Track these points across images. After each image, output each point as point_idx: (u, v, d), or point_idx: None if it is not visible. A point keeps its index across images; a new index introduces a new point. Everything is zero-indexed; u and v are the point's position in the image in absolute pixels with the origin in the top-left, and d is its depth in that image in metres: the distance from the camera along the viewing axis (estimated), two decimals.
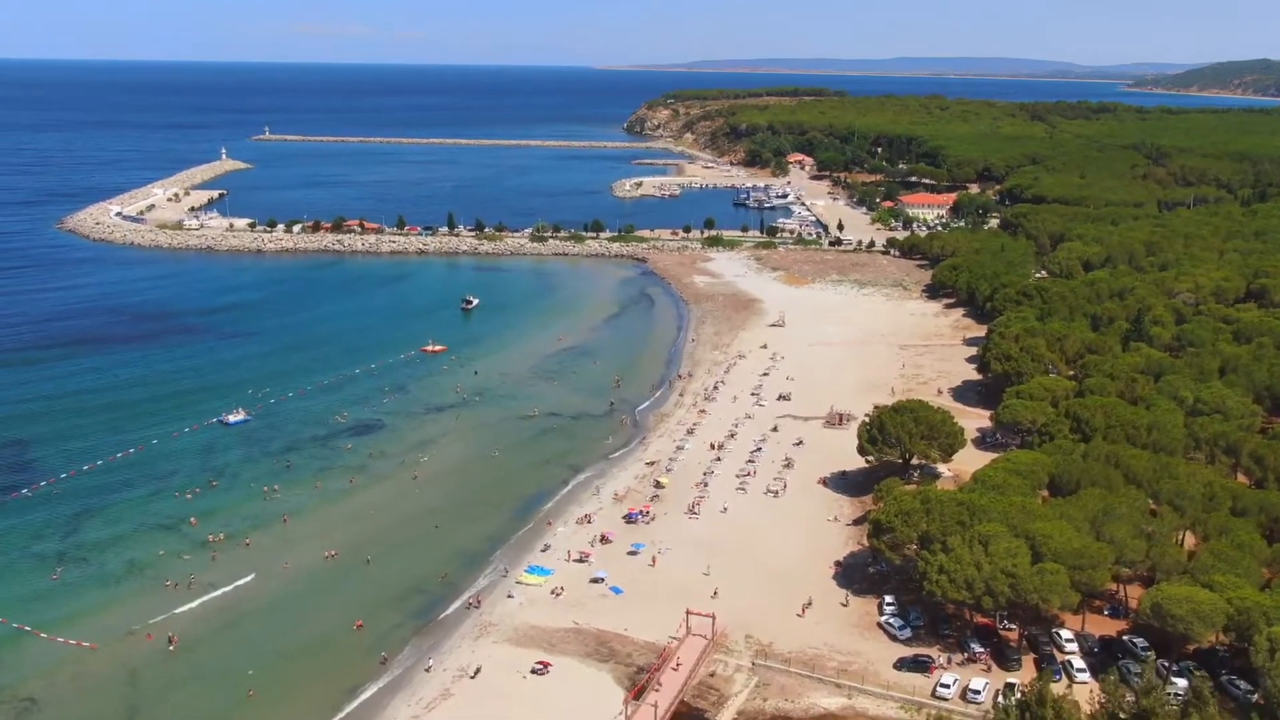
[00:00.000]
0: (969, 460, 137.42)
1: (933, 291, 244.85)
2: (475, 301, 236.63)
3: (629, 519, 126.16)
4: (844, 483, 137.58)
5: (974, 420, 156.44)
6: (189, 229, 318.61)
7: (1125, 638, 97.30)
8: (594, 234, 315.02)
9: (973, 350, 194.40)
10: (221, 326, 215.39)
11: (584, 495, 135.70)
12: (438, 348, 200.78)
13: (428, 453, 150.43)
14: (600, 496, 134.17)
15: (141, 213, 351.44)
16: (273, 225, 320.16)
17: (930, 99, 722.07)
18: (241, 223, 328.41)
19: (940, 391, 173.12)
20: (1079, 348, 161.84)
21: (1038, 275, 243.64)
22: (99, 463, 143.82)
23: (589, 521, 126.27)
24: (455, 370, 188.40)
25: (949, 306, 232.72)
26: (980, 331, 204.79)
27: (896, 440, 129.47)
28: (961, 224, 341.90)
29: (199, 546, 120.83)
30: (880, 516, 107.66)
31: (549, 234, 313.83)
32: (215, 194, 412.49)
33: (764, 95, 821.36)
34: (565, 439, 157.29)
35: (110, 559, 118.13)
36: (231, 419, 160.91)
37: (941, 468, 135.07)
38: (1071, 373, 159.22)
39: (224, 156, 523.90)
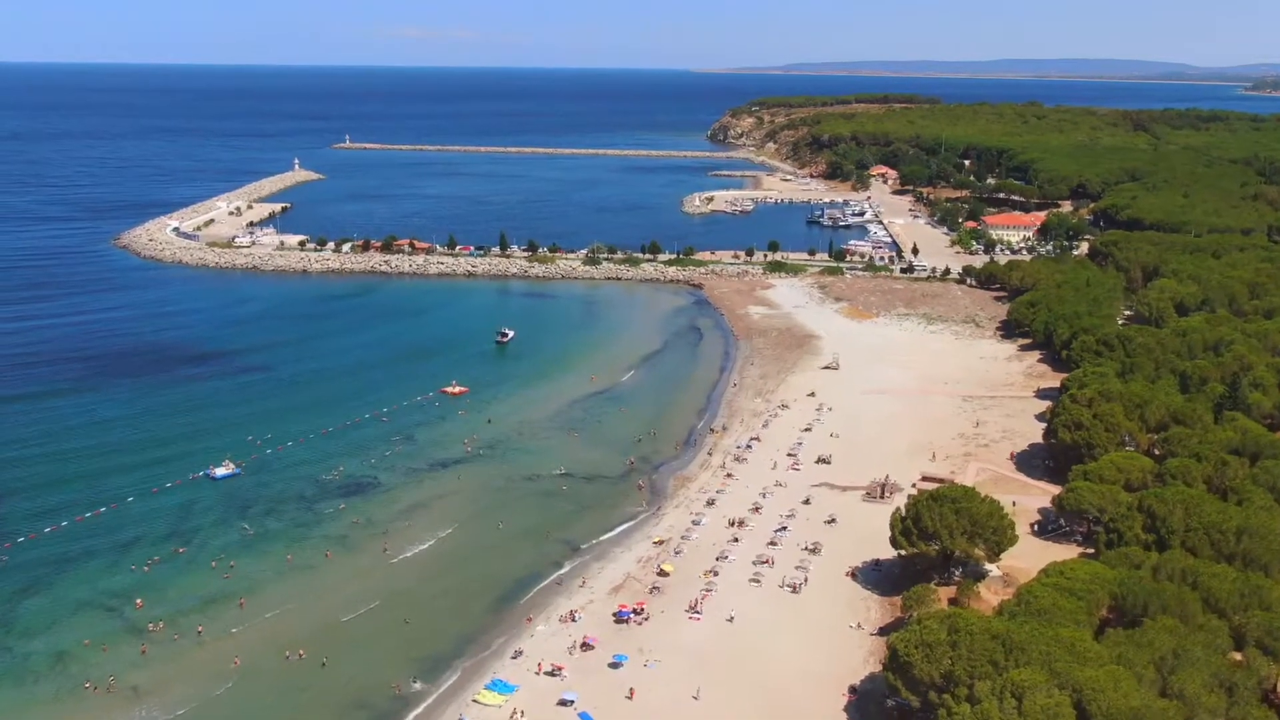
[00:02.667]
0: (1025, 552, 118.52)
1: (1008, 330, 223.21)
2: (511, 334, 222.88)
3: (619, 617, 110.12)
4: (876, 576, 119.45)
5: (1036, 498, 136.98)
6: (238, 247, 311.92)
7: None
8: (650, 256, 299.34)
9: (1045, 405, 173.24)
10: (242, 357, 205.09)
11: (575, 584, 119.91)
12: (459, 389, 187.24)
13: (417, 520, 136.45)
14: (593, 586, 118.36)
15: (199, 228, 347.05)
16: (322, 244, 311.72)
17: (1026, 106, 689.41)
18: (293, 240, 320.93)
19: (1010, 455, 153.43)
20: (1162, 416, 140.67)
21: (1125, 313, 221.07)
22: (64, 524, 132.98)
23: (573, 620, 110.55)
24: (471, 417, 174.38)
25: (1024, 349, 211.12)
26: (1056, 382, 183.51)
27: (934, 535, 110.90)
28: (1048, 247, 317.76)
29: (134, 635, 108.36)
30: (898, 644, 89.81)
31: (604, 256, 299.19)
32: (279, 207, 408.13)
33: (853, 102, 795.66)
34: (571, 506, 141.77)
35: (37, 649, 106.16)
36: (219, 472, 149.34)
37: (989, 565, 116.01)
38: (1153, 445, 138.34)
39: (296, 167, 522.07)
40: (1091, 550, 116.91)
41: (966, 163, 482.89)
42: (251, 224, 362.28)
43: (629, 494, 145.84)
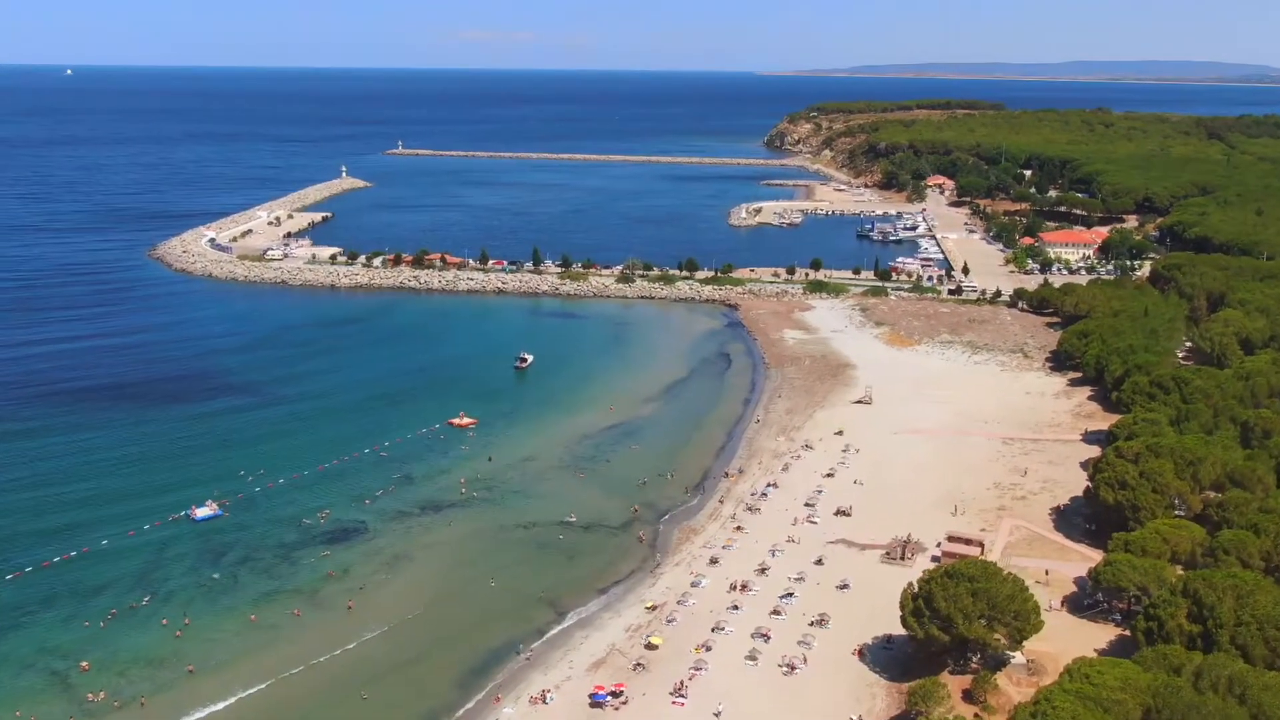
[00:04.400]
0: (1056, 632, 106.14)
1: (1058, 362, 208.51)
2: (530, 359, 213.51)
3: (595, 701, 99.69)
4: (887, 656, 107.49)
5: (1074, 564, 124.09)
6: (270, 260, 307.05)
7: None
8: (687, 274, 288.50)
9: (1092, 451, 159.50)
10: (250, 384, 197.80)
11: (554, 655, 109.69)
12: (467, 421, 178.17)
13: (398, 574, 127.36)
14: (572, 660, 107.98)
15: (235, 239, 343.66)
16: (353, 258, 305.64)
17: (1094, 113, 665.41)
18: (326, 252, 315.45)
19: (1049, 511, 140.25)
20: (1218, 475, 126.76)
21: (1185, 346, 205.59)
22: (28, 570, 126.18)
23: (544, 701, 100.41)
24: (474, 452, 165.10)
25: (1074, 384, 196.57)
26: (1107, 424, 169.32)
27: (948, 619, 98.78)
28: (1109, 267, 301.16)
29: (71, 704, 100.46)
30: None
31: (639, 273, 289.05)
32: (320, 217, 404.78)
33: (914, 108, 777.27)
34: (564, 561, 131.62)
35: None
36: (200, 513, 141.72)
37: (1012, 651, 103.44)
38: (1206, 508, 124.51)
39: (343, 174, 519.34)
40: (1129, 632, 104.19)
41: (1027, 174, 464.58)
42: (289, 235, 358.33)
43: (628, 548, 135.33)
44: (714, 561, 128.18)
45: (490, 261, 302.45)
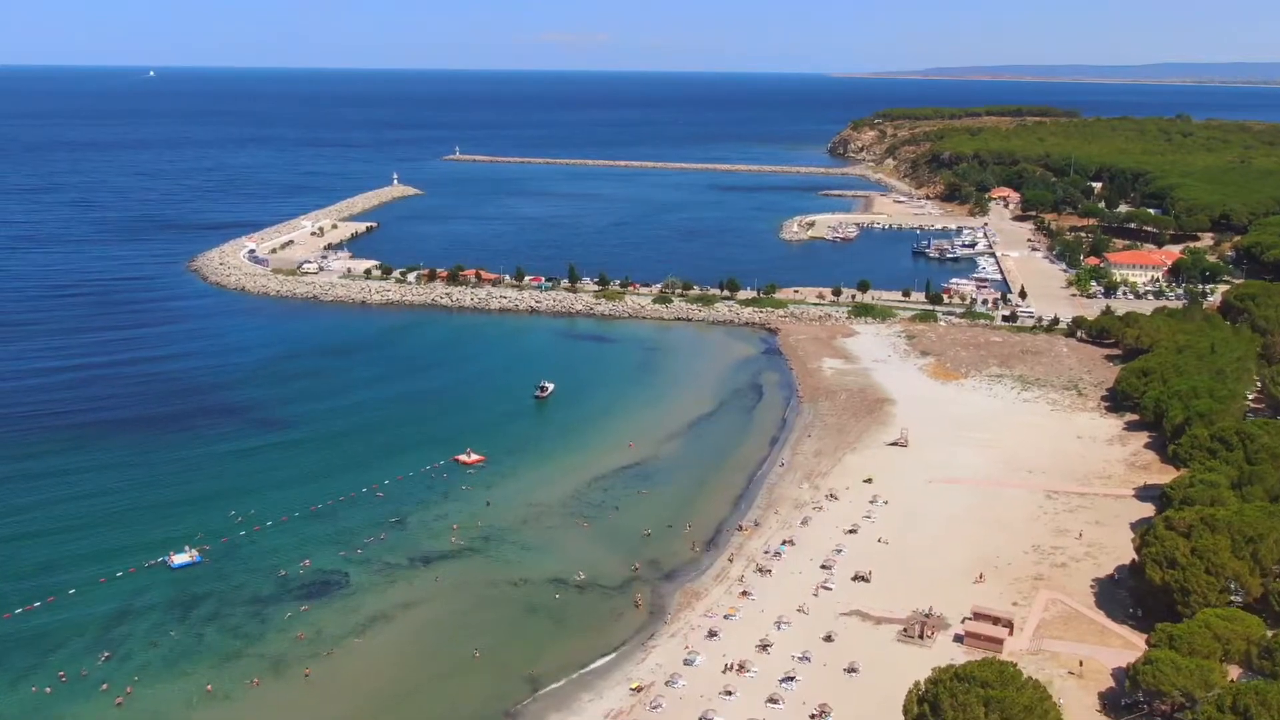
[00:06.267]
0: None
1: (1115, 402, 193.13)
2: (550, 388, 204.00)
3: None
4: None
5: (1115, 651, 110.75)
6: (304, 273, 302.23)
7: None
8: (727, 294, 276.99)
9: (1145, 511, 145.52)
10: (255, 411, 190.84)
11: None
12: (474, 458, 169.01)
13: (372, 636, 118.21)
14: None
15: (276, 250, 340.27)
16: (386, 272, 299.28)
17: (1172, 121, 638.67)
18: (362, 266, 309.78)
19: (1091, 583, 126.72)
20: None
21: (1255, 389, 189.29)
22: None
23: None
24: (473, 496, 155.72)
25: (1130, 428, 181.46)
26: (1162, 477, 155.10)
27: None
28: (1179, 292, 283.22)
29: None
30: None
31: (677, 292, 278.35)
32: (364, 226, 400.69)
33: (982, 115, 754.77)
34: (551, 627, 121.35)
35: None
36: (177, 560, 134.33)
37: None
38: (1268, 595, 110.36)
39: (395, 182, 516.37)
40: None
41: (1097, 186, 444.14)
42: (330, 245, 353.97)
43: (623, 613, 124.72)
44: (712, 634, 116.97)
45: (526, 278, 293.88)
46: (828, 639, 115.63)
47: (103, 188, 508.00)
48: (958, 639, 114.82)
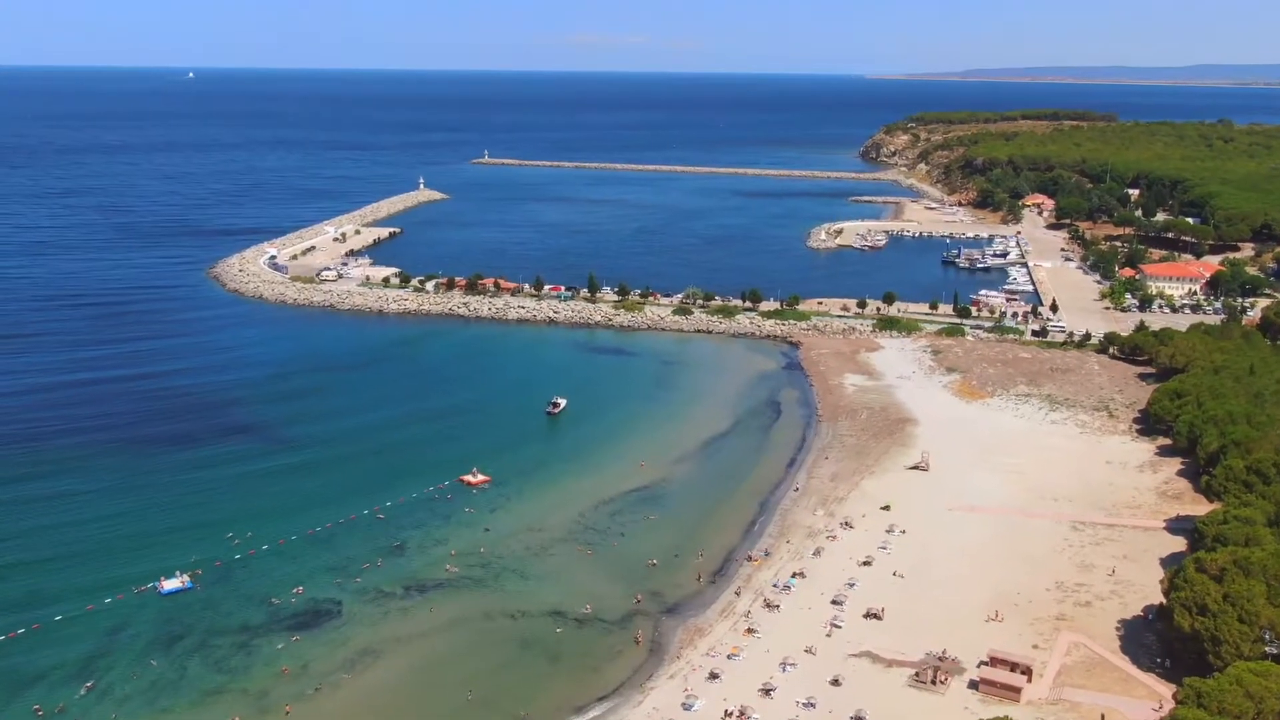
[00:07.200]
0: None
1: (1147, 424, 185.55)
2: (563, 404, 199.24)
3: None
4: None
5: (1139, 703, 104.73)
6: (322, 281, 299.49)
7: None
8: (750, 305, 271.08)
9: (1177, 543, 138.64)
10: (260, 427, 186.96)
11: None
12: (480, 479, 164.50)
13: (359, 672, 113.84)
14: None
15: (296, 256, 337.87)
16: (405, 281, 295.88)
17: (1212, 126, 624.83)
18: (382, 274, 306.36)
19: (1116, 625, 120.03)
20: None
21: None
22: None
23: None
24: (475, 520, 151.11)
25: (1162, 453, 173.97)
26: (1195, 508, 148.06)
27: None
28: (1217, 305, 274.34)
29: None
30: None
31: (698, 303, 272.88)
32: (388, 232, 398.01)
33: (1018, 119, 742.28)
34: (544, 665, 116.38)
35: None
36: (168, 586, 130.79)
37: None
38: None
39: (421, 186, 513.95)
40: None
41: (1134, 194, 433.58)
42: (351, 252, 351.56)
43: (622, 650, 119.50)
44: (714, 676, 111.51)
45: (546, 287, 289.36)
46: (835, 683, 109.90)
47: (130, 192, 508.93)
48: (972, 685, 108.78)
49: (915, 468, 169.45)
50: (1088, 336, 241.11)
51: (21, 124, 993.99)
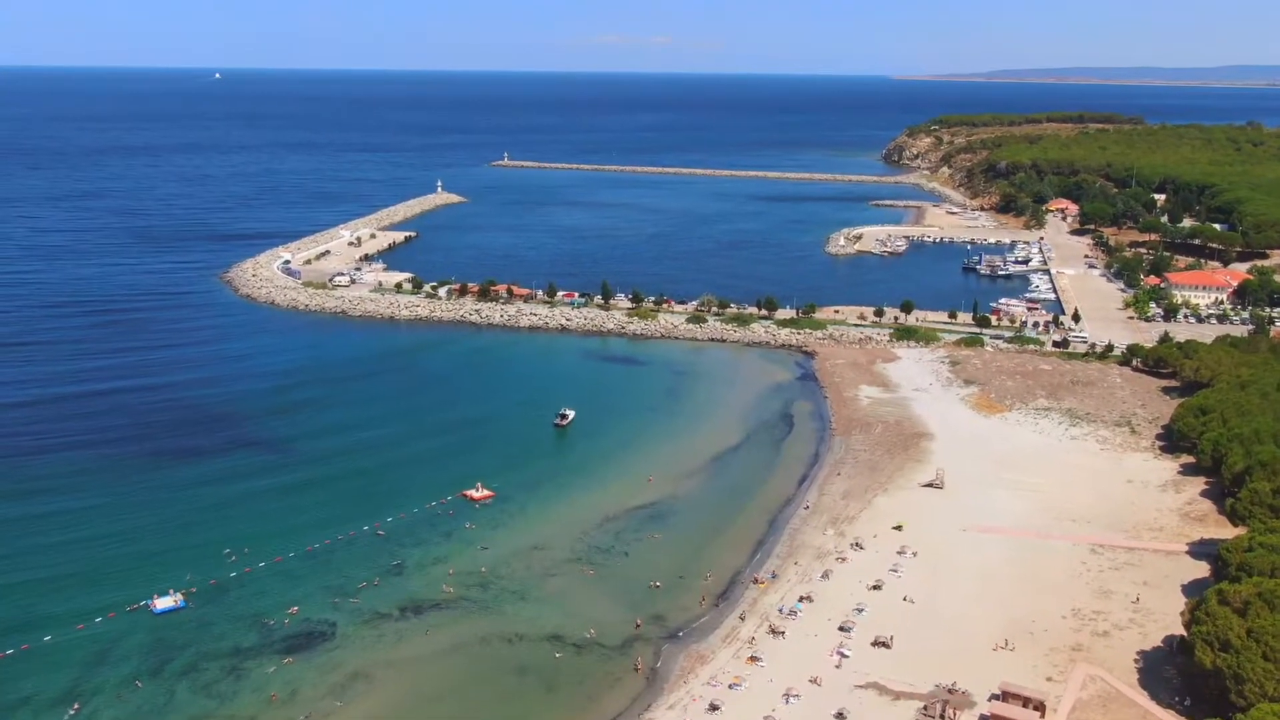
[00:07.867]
0: None
1: (1170, 441, 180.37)
2: (571, 416, 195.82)
3: None
4: None
5: None
6: (335, 286, 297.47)
7: None
8: (765, 313, 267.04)
9: (1200, 569, 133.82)
10: (263, 439, 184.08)
11: None
12: (483, 494, 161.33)
13: (350, 700, 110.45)
14: None
15: (310, 261, 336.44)
16: (417, 287, 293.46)
17: (1241, 129, 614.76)
18: (393, 280, 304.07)
19: (1135, 656, 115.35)
20: None
21: None
22: None
23: None
24: (475, 537, 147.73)
25: (1186, 471, 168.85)
26: (1219, 531, 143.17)
27: None
28: (1244, 315, 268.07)
29: None
30: None
31: (713, 311, 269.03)
32: (404, 236, 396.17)
33: (1043, 121, 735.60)
34: (539, 694, 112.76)
35: None
36: (160, 604, 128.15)
37: None
38: None
39: (439, 189, 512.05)
40: None
41: (1160, 199, 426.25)
42: (366, 256, 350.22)
43: (620, 678, 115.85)
44: (714, 708, 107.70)
45: (559, 294, 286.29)
46: (840, 716, 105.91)
47: (148, 194, 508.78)
48: None
49: (930, 485, 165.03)
50: (1110, 348, 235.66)
51: (53, 125, 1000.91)
